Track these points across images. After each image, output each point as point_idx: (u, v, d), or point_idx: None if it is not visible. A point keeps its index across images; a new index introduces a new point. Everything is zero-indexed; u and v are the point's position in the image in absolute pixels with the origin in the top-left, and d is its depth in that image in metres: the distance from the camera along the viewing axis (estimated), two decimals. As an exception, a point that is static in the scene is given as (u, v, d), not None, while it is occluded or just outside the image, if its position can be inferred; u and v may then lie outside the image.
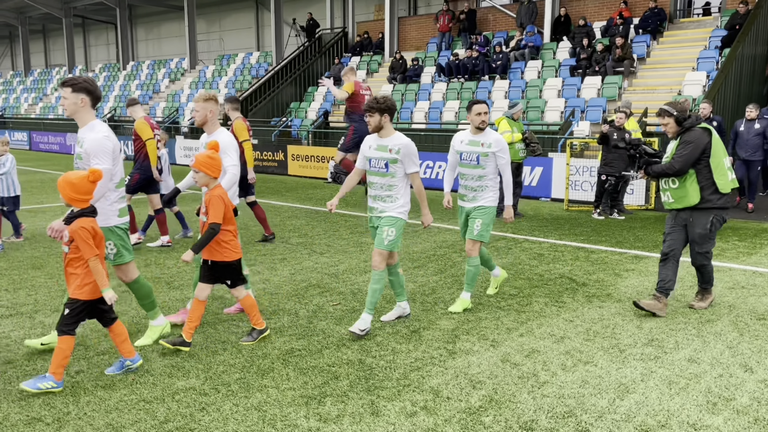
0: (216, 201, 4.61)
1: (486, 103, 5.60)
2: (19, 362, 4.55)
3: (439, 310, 5.82)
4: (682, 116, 5.47)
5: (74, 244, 4.00)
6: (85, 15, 36.99)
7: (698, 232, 5.52)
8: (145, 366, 4.49)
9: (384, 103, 5.00)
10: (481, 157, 5.57)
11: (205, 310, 5.74)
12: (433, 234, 9.59)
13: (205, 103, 5.12)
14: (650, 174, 5.60)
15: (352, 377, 4.34)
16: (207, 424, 3.68)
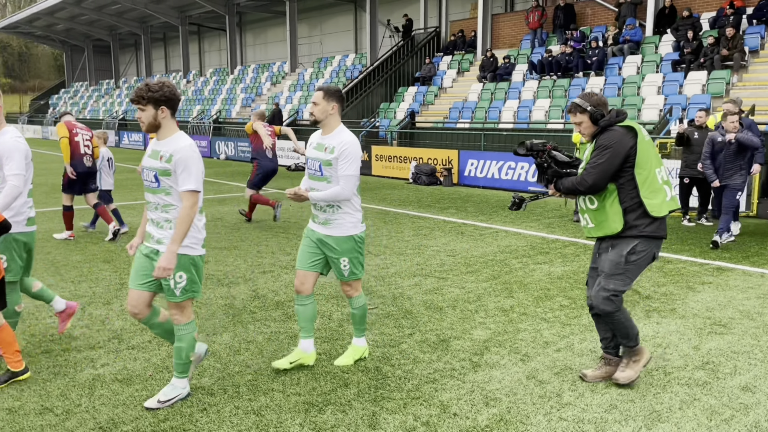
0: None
1: (324, 91, 4.12)
2: (56, 352, 4.77)
3: (477, 319, 5.52)
4: (598, 112, 3.91)
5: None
6: (200, 23, 39.16)
7: (610, 258, 3.90)
8: (166, 362, 4.56)
9: (159, 92, 3.55)
10: (324, 166, 4.13)
11: (243, 308, 5.78)
12: (499, 238, 9.20)
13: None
14: (560, 190, 4.02)
15: (362, 386, 4.17)
16: (202, 425, 3.65)
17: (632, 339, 4.08)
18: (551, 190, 4.07)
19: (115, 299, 6.10)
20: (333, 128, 4.18)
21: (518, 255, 8.03)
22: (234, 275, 7.00)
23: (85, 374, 4.36)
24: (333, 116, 4.17)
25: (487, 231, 9.70)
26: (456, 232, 9.64)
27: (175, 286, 3.70)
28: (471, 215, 11.25)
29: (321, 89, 4.13)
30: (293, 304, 5.90)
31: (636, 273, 3.92)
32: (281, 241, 8.85)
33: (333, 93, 4.14)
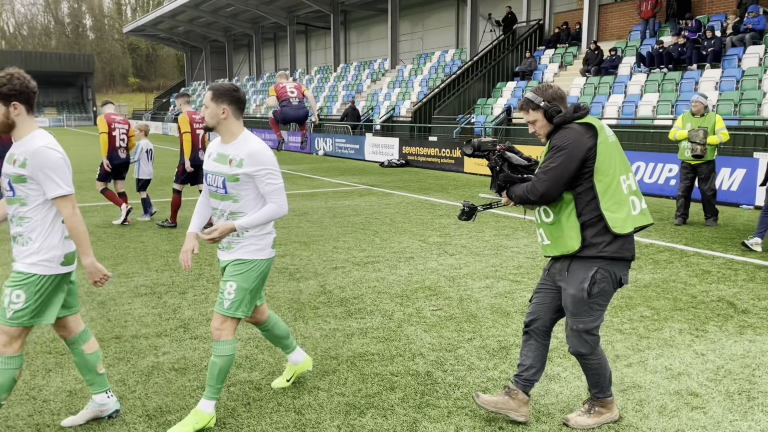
0: None
1: (213, 91, 3.35)
2: (125, 338, 4.99)
3: (545, 326, 5.20)
4: (553, 108, 3.26)
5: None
6: (307, 23, 40.29)
7: (571, 294, 3.29)
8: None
9: (7, 85, 3.05)
10: (229, 182, 3.36)
11: (307, 303, 5.80)
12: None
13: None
14: (511, 198, 3.40)
15: (408, 390, 4.03)
16: (243, 420, 3.66)
17: (602, 389, 3.49)
18: (504, 198, 3.45)
19: (191, 289, 6.32)
20: (235, 135, 3.37)
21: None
22: (306, 270, 7.06)
23: (146, 361, 4.52)
24: (228, 121, 3.35)
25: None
26: (541, 233, 9.19)
27: (8, 305, 3.09)
28: (561, 216, 10.71)
29: (210, 89, 3.37)
30: (357, 302, 5.86)
31: (604, 302, 3.31)
32: (359, 237, 8.85)
33: (223, 93, 3.32)
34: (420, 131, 21.73)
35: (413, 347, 4.77)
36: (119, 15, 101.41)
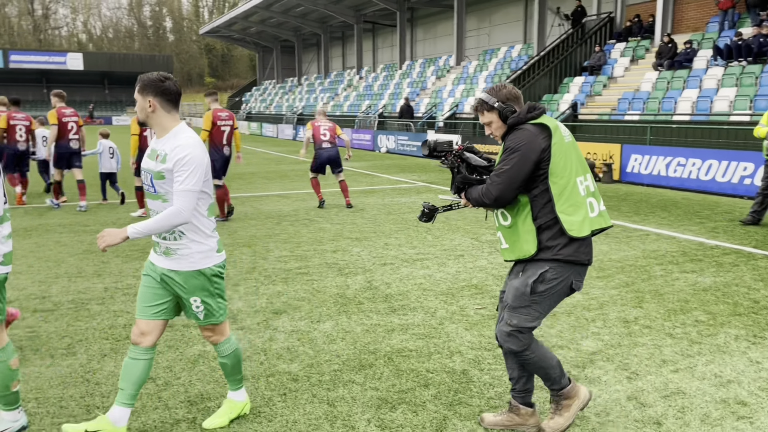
0: None
1: (140, 83, 3.12)
2: (177, 327, 5.21)
3: (591, 328, 5.08)
4: (508, 108, 3.15)
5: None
6: (374, 21, 40.56)
7: (515, 286, 3.19)
8: (264, 345, 4.78)
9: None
10: (155, 180, 3.13)
11: (353, 299, 5.87)
12: (648, 241, 8.39)
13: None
14: (469, 200, 3.27)
15: (442, 387, 4.03)
16: (277, 410, 3.76)
17: (555, 381, 3.32)
18: (462, 200, 3.31)
19: (243, 282, 6.52)
20: (166, 129, 3.13)
21: (664, 261, 7.25)
22: (355, 266, 7.14)
23: (193, 350, 4.70)
24: (157, 114, 3.11)
25: (636, 233, 8.89)
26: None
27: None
28: (623, 215, 10.39)
29: (138, 80, 3.15)
30: (402, 299, 5.89)
31: (547, 306, 3.17)
32: (410, 234, 8.87)
33: (148, 84, 3.08)
34: (483, 128, 21.48)
35: (452, 345, 4.76)
36: (197, 17, 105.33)
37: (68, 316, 5.45)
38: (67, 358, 4.54)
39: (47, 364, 4.44)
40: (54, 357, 4.58)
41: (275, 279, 6.60)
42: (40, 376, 4.23)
